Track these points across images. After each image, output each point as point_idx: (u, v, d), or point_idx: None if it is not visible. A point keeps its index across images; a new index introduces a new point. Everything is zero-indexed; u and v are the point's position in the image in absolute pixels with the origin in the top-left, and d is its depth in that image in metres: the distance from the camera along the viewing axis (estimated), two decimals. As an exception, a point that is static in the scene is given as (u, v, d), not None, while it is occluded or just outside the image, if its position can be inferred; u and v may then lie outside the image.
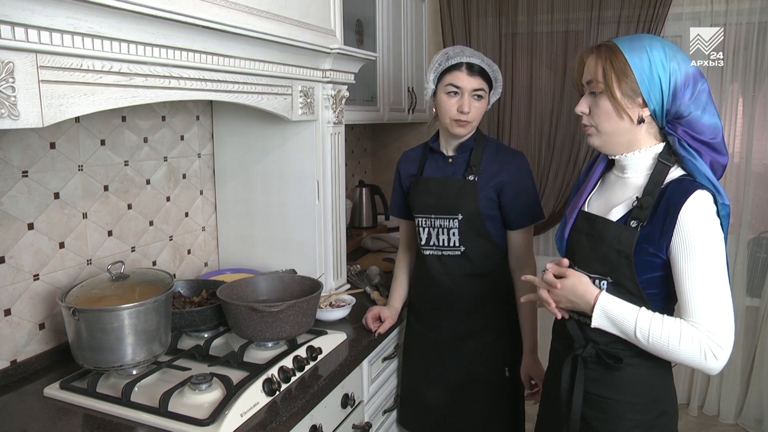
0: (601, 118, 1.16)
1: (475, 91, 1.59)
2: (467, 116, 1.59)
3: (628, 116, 1.13)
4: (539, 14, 2.84)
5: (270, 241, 1.96)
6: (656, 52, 1.09)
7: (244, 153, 1.95)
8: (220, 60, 1.35)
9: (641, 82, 1.10)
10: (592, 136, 1.21)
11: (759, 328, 2.82)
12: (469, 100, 1.59)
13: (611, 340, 1.18)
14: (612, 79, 1.11)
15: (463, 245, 1.66)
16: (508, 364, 1.71)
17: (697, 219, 1.07)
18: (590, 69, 1.16)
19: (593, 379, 1.21)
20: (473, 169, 1.64)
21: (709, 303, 1.07)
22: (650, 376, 1.19)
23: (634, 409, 1.19)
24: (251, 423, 1.17)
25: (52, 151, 1.44)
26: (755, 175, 2.77)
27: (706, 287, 1.07)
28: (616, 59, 1.11)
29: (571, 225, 1.28)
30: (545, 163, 2.94)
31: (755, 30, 2.61)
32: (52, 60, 0.97)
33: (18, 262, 1.37)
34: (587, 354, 1.21)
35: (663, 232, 1.09)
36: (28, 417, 1.20)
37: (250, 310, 1.40)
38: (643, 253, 1.12)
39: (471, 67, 1.58)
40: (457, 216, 1.64)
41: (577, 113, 1.21)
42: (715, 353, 1.06)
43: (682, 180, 1.12)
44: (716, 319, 1.06)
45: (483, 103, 1.63)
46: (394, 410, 1.91)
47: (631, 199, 1.16)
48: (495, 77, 1.64)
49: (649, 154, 1.17)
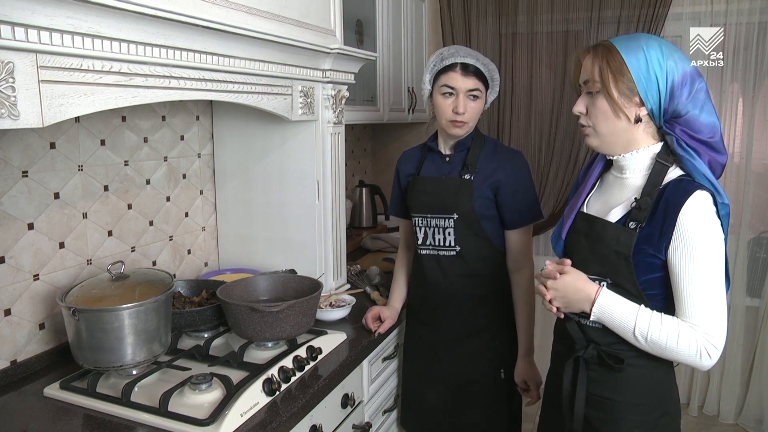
0: (598, 117, 1.16)
1: (470, 91, 1.59)
2: (463, 117, 1.59)
3: (625, 115, 1.13)
4: (539, 14, 2.84)
5: (270, 241, 1.96)
6: (653, 50, 1.09)
7: (244, 153, 1.95)
8: (220, 60, 1.35)
9: (638, 81, 1.10)
10: (589, 136, 1.20)
11: (759, 328, 2.82)
12: (465, 100, 1.59)
13: (612, 341, 1.17)
14: (609, 78, 1.11)
15: (458, 245, 1.65)
16: (503, 366, 1.70)
17: (697, 220, 1.06)
18: (587, 69, 1.16)
19: (595, 380, 1.21)
20: (469, 168, 1.63)
21: (707, 305, 1.07)
22: (652, 376, 1.19)
23: (636, 410, 1.19)
24: (251, 423, 1.17)
25: (52, 151, 1.44)
26: (755, 175, 2.77)
27: (704, 289, 1.07)
28: (613, 58, 1.11)
29: (569, 226, 1.28)
30: (545, 163, 2.94)
31: (755, 30, 2.61)
32: (52, 60, 0.97)
33: (18, 262, 1.37)
34: (588, 355, 1.21)
35: (662, 234, 1.09)
36: (28, 417, 1.20)
37: (250, 310, 1.40)
38: (642, 255, 1.12)
39: (465, 68, 1.58)
40: (452, 215, 1.63)
41: (575, 113, 1.21)
42: (710, 353, 1.08)
43: (681, 180, 1.11)
44: (713, 320, 1.08)
45: (479, 103, 1.62)
46: (394, 410, 1.91)
47: (630, 200, 1.16)
48: (491, 76, 1.63)
49: (647, 154, 1.16)
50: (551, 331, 1.38)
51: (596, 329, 1.20)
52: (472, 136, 1.67)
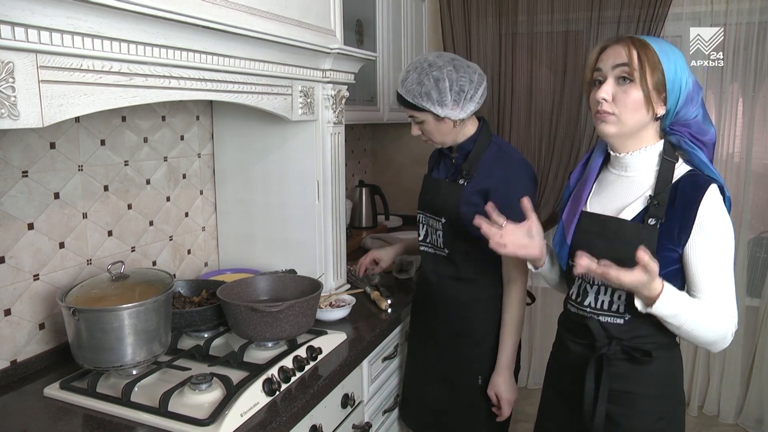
0: (627, 106, 1.15)
1: (411, 117, 1.60)
2: (421, 137, 1.63)
3: (652, 110, 1.16)
4: (539, 14, 2.84)
5: (270, 241, 1.96)
6: (678, 55, 1.16)
7: (244, 153, 1.95)
8: (220, 60, 1.35)
9: (668, 80, 1.14)
10: (608, 123, 1.17)
11: (759, 328, 2.82)
12: (414, 124, 1.62)
13: (634, 336, 1.20)
14: (647, 69, 1.13)
15: (446, 247, 1.66)
16: (482, 373, 1.65)
17: (714, 212, 1.12)
18: (622, 55, 1.14)
19: (617, 375, 1.22)
20: (464, 172, 1.61)
21: (725, 289, 1.14)
22: (670, 367, 1.23)
23: (658, 401, 1.21)
24: (251, 423, 1.17)
25: (52, 151, 1.44)
26: (755, 175, 2.77)
27: (722, 275, 1.13)
28: (650, 52, 1.13)
29: (574, 228, 1.26)
30: (545, 163, 2.94)
31: (755, 30, 2.61)
32: (52, 60, 0.96)
33: (18, 262, 1.37)
34: (612, 352, 1.22)
35: (682, 227, 1.12)
36: (28, 417, 1.20)
37: (250, 310, 1.40)
38: (662, 249, 1.15)
39: (398, 97, 1.59)
40: (440, 219, 1.64)
41: (599, 99, 1.17)
42: (732, 332, 1.15)
43: (693, 175, 1.15)
44: (731, 303, 1.15)
45: (426, 124, 1.57)
46: (394, 410, 1.91)
47: (644, 197, 1.18)
48: (421, 102, 1.52)
49: (654, 152, 1.20)
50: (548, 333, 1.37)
51: (618, 325, 1.21)
52: (474, 139, 1.62)
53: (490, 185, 1.56)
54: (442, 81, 1.51)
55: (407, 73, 1.56)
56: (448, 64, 1.53)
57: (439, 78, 1.51)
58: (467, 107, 1.55)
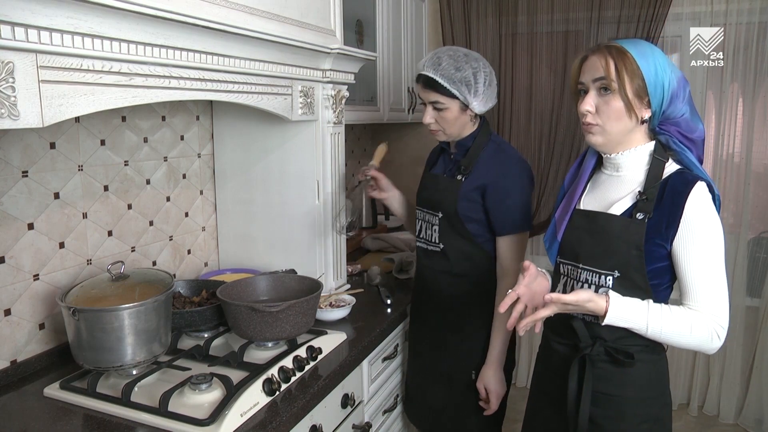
0: (610, 117, 1.17)
1: (432, 103, 1.58)
2: (431, 126, 1.61)
3: (635, 116, 1.16)
4: (539, 14, 2.84)
5: (270, 241, 1.96)
6: (659, 57, 1.15)
7: (244, 153, 1.95)
8: (220, 60, 1.35)
9: (649, 84, 1.14)
10: (594, 134, 1.21)
11: (759, 328, 2.82)
12: (431, 111, 1.59)
13: (619, 336, 1.19)
14: (625, 78, 1.14)
15: (441, 243, 1.67)
16: (475, 367, 1.66)
17: (701, 208, 1.12)
18: (601, 67, 1.16)
19: (600, 377, 1.22)
20: (462, 169, 1.62)
21: (712, 288, 1.13)
22: (655, 369, 1.23)
23: (642, 404, 1.21)
24: (251, 423, 1.17)
25: (52, 151, 1.44)
26: (755, 175, 2.77)
27: (709, 272, 1.13)
28: (628, 60, 1.14)
29: (565, 225, 1.28)
30: (545, 163, 2.94)
31: (755, 30, 2.61)
32: (52, 60, 0.96)
33: (18, 262, 1.37)
34: (595, 353, 1.22)
35: (669, 222, 1.13)
36: (28, 417, 1.20)
37: (250, 310, 1.40)
38: (650, 244, 1.15)
39: (426, 80, 1.55)
40: (437, 214, 1.66)
41: (583, 112, 1.19)
42: (719, 334, 1.13)
43: (682, 172, 1.17)
44: (719, 303, 1.13)
45: (448, 112, 1.56)
46: (394, 410, 1.91)
47: (633, 193, 1.19)
48: (458, 88, 1.52)
49: (645, 152, 1.21)
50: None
51: (602, 325, 1.20)
52: (474, 135, 1.63)
53: (488, 181, 1.58)
54: (479, 73, 1.55)
55: (439, 58, 1.55)
56: (481, 59, 1.59)
57: (477, 69, 1.55)
58: (488, 104, 1.60)
